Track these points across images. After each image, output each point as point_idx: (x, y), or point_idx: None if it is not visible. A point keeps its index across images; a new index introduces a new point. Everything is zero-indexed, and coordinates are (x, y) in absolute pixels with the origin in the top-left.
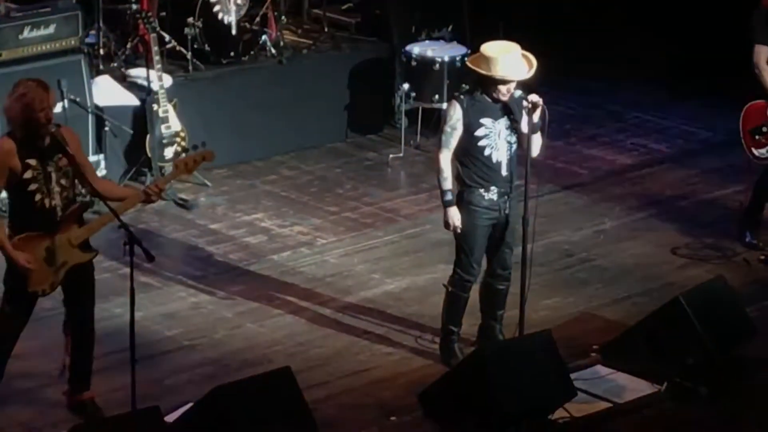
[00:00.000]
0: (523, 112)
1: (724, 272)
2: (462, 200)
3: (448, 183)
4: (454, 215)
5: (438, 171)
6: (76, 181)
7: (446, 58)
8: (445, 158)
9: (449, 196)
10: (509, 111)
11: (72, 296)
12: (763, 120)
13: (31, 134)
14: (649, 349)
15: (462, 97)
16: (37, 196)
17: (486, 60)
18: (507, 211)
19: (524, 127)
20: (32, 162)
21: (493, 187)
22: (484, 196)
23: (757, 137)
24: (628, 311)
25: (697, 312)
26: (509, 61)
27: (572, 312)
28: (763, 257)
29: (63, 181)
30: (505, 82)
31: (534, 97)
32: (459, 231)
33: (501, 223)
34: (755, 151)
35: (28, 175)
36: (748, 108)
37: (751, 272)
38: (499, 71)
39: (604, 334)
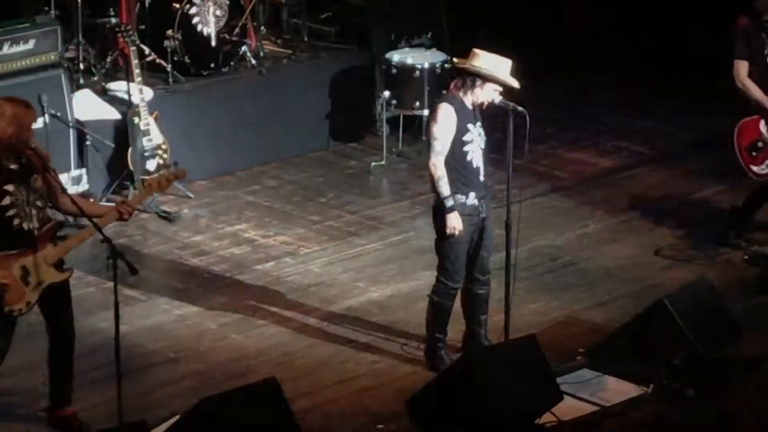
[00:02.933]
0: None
1: (708, 272)
2: (444, 208)
3: (446, 189)
4: (457, 220)
5: (438, 177)
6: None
7: (426, 65)
8: (442, 163)
9: (452, 201)
10: (479, 117)
11: (49, 314)
12: (756, 136)
13: (11, 155)
14: (635, 351)
15: (453, 98)
16: (16, 221)
17: (480, 58)
18: (483, 215)
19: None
20: (9, 188)
21: (472, 193)
22: (465, 203)
23: (753, 154)
24: (613, 314)
25: (682, 313)
26: (505, 66)
27: (557, 316)
28: (746, 257)
29: (39, 203)
30: (496, 85)
31: None
32: (457, 235)
33: (479, 228)
34: (754, 168)
35: (6, 201)
36: (741, 125)
37: (735, 272)
38: (493, 70)
39: (589, 337)
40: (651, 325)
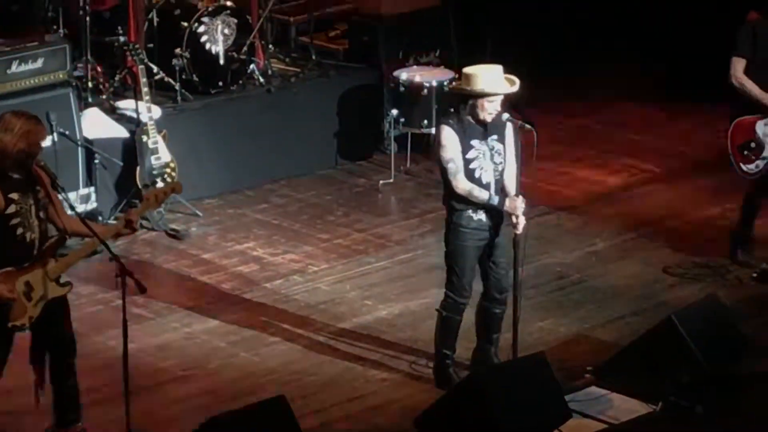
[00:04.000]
0: (506, 134)
1: (716, 290)
2: (451, 222)
3: (483, 192)
4: (511, 203)
5: (468, 193)
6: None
7: (434, 83)
8: (464, 180)
9: (495, 199)
10: (493, 132)
11: (49, 329)
12: (751, 135)
13: (19, 168)
14: (644, 368)
15: (451, 121)
16: (19, 230)
17: (468, 78)
18: (499, 230)
19: (510, 150)
20: (15, 196)
21: (481, 209)
22: (472, 218)
23: (745, 153)
24: (621, 331)
25: (690, 331)
26: (491, 76)
27: (566, 333)
28: (755, 274)
29: (41, 214)
30: (489, 97)
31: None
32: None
33: (492, 243)
34: (744, 167)
35: (11, 209)
36: (736, 124)
37: (744, 289)
38: (481, 86)
39: (598, 354)
40: (659, 343)
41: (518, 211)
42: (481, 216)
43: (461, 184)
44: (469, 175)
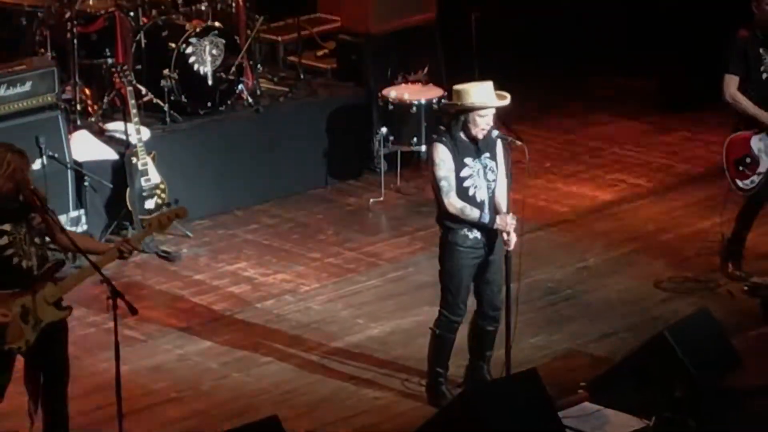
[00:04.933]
0: (497, 151)
1: (708, 304)
2: (446, 241)
3: (475, 211)
4: (502, 220)
5: (460, 211)
6: (47, 237)
7: (423, 101)
8: (456, 198)
9: (486, 218)
10: (486, 150)
11: (44, 351)
12: (746, 151)
13: (9, 201)
14: (637, 383)
15: (444, 138)
16: (14, 260)
17: (458, 94)
18: (493, 247)
19: (501, 167)
20: (6, 227)
21: (476, 227)
22: (468, 236)
23: (740, 168)
24: (613, 347)
25: (682, 345)
26: (482, 91)
27: (558, 349)
28: (746, 288)
29: (37, 240)
30: (480, 111)
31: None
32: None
33: (486, 260)
34: (739, 183)
35: (3, 241)
36: (731, 139)
37: (735, 303)
38: (472, 100)
39: (590, 370)
40: (652, 358)
41: (509, 228)
42: (476, 234)
43: (453, 203)
44: (463, 193)
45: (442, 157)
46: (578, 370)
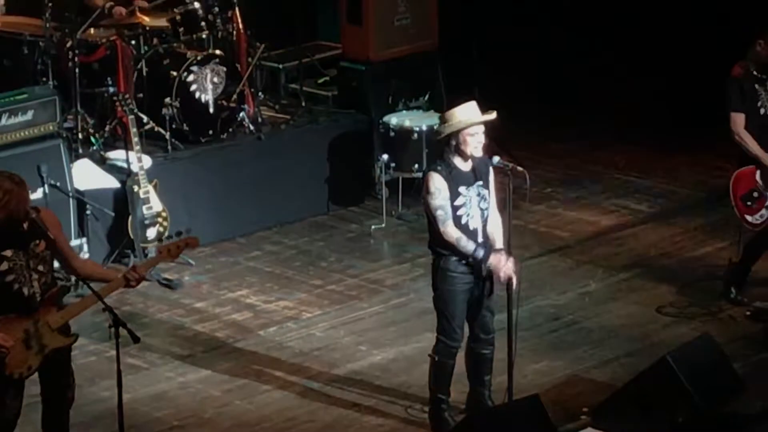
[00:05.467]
0: (489, 179)
1: (710, 329)
2: (438, 267)
3: (470, 244)
4: (496, 259)
5: (456, 242)
6: (57, 264)
7: (424, 128)
8: (453, 228)
9: (480, 253)
10: (480, 178)
11: (47, 379)
12: (752, 186)
13: (9, 227)
14: (639, 409)
15: (439, 167)
16: (15, 286)
17: (444, 119)
18: (485, 274)
19: (492, 196)
20: (8, 253)
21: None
22: (461, 262)
23: (749, 203)
24: (616, 372)
25: (685, 370)
26: (465, 110)
27: (560, 375)
28: (748, 313)
29: (40, 267)
30: (469, 130)
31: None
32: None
33: (479, 287)
34: (748, 218)
35: (4, 267)
36: (737, 175)
37: (738, 328)
38: (461, 118)
39: (593, 396)
40: (655, 383)
41: (501, 272)
42: (470, 260)
43: (450, 232)
44: (456, 221)
45: (438, 185)
46: (581, 396)
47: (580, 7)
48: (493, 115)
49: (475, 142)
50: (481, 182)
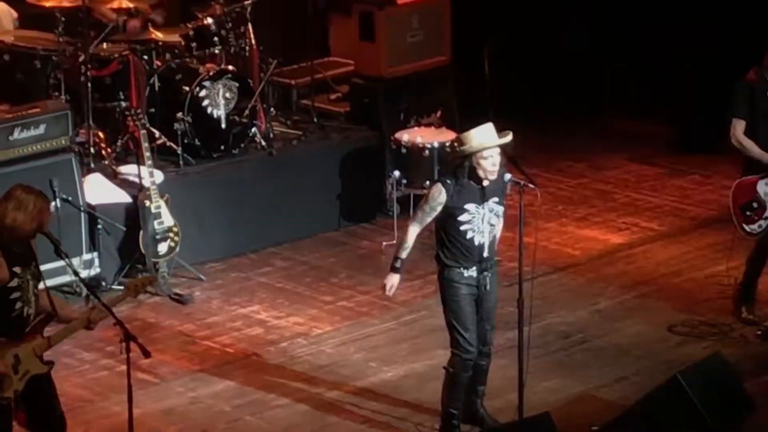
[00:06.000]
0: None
1: (721, 348)
2: (443, 278)
3: (404, 253)
4: (393, 280)
5: (402, 240)
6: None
7: (436, 144)
8: (414, 232)
9: (399, 264)
10: (494, 194)
11: (36, 402)
12: (753, 195)
13: (21, 243)
14: (649, 428)
15: (448, 182)
16: (18, 304)
17: (460, 140)
18: (487, 287)
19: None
20: (17, 270)
21: (473, 267)
22: (463, 274)
23: (748, 213)
24: (626, 391)
25: (695, 389)
26: (482, 132)
27: (571, 393)
28: (760, 332)
29: (36, 290)
30: (483, 153)
31: None
32: (389, 294)
33: (480, 299)
34: (746, 227)
35: (13, 283)
36: (738, 184)
37: (749, 347)
38: (474, 142)
39: (603, 414)
40: (665, 402)
41: (385, 289)
42: (472, 272)
43: (411, 233)
44: (461, 236)
45: (435, 196)
46: (591, 414)
47: (594, 25)
48: (508, 138)
49: (489, 165)
50: (496, 199)
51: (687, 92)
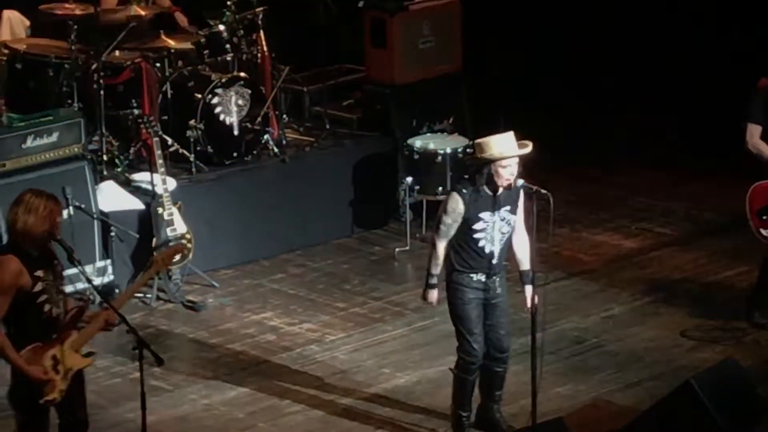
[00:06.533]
0: (519, 204)
1: (734, 353)
2: (451, 281)
3: (437, 269)
4: (434, 296)
5: (433, 256)
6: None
7: (448, 150)
8: (442, 247)
9: (434, 280)
10: (507, 203)
11: (65, 402)
12: None
13: (37, 247)
14: None
15: (464, 190)
16: (46, 307)
17: (480, 147)
18: (498, 291)
19: (521, 218)
20: (40, 274)
21: (482, 273)
22: (472, 278)
23: (764, 218)
24: (640, 396)
25: (709, 394)
26: (502, 141)
27: (584, 399)
28: None
29: (61, 287)
30: (503, 162)
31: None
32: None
33: (491, 304)
34: (763, 232)
35: (38, 287)
36: (755, 189)
37: (762, 352)
38: (493, 151)
39: (617, 420)
40: (678, 407)
41: (427, 302)
42: (481, 277)
43: (439, 248)
44: (474, 244)
45: (453, 206)
46: (604, 420)
47: (604, 34)
48: (528, 148)
49: (507, 174)
50: (508, 207)
51: (700, 96)
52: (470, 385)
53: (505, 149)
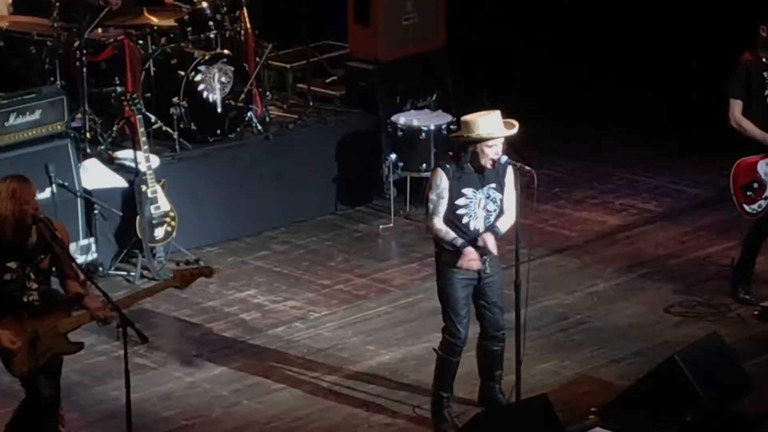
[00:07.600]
0: (506, 181)
1: (718, 329)
2: (440, 262)
3: (451, 233)
4: (469, 256)
5: (437, 233)
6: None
7: (432, 127)
8: (439, 222)
9: (460, 241)
10: (492, 180)
11: (39, 380)
12: (753, 176)
13: (19, 233)
14: (648, 409)
15: (447, 166)
16: (15, 294)
17: (466, 125)
18: (489, 270)
19: (509, 194)
20: (12, 265)
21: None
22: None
23: (748, 193)
24: (624, 372)
25: (693, 370)
26: (489, 121)
27: (569, 375)
28: (756, 312)
29: (41, 278)
30: (488, 142)
31: None
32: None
33: (484, 283)
34: (746, 207)
35: (6, 277)
36: (738, 164)
37: (746, 327)
38: (479, 131)
39: (601, 396)
40: (663, 383)
41: (468, 266)
42: None
43: (434, 224)
44: (457, 219)
45: (437, 182)
46: (589, 396)
47: (587, 10)
48: (514, 130)
49: (492, 153)
50: (493, 185)
51: (683, 71)
52: (453, 366)
53: (493, 129)
